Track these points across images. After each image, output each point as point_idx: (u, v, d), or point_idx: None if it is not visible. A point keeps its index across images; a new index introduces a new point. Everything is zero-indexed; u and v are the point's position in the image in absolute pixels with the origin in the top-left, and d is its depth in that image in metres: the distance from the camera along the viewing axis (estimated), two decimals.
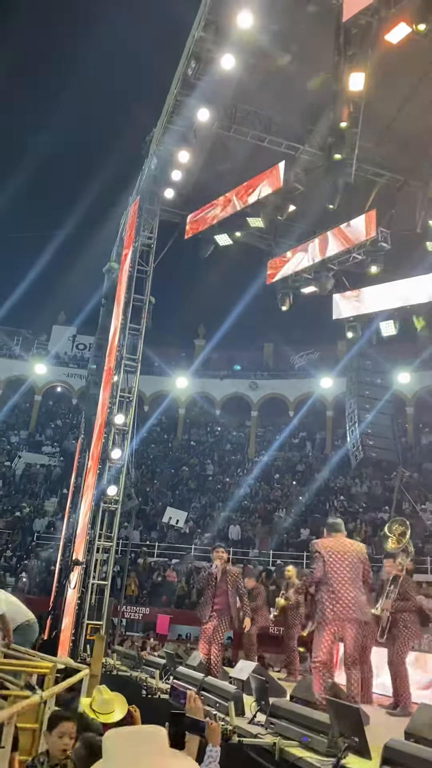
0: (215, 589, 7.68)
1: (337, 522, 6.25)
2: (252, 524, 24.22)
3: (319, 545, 5.90)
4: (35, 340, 36.14)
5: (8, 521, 24.68)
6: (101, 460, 12.87)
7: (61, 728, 3.38)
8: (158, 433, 33.07)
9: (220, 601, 7.63)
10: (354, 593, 5.68)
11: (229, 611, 7.59)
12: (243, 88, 12.18)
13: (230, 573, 7.80)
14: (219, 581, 7.70)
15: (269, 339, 34.82)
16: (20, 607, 7.90)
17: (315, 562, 5.84)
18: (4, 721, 2.86)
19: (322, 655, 5.64)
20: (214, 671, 7.33)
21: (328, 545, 5.90)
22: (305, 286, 14.90)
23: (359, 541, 7.03)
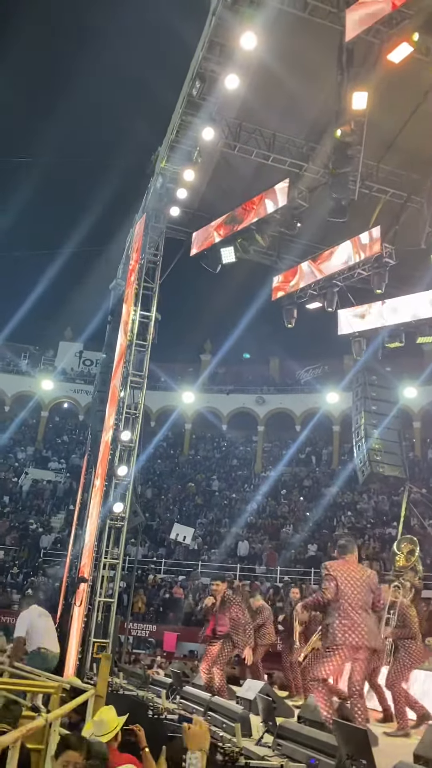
0: (217, 620, 7.65)
1: (348, 543, 6.17)
2: (259, 540, 24.09)
3: (332, 568, 5.79)
4: (42, 356, 36.33)
5: (15, 538, 24.64)
6: (107, 477, 12.86)
7: (66, 757, 3.36)
8: (165, 448, 33.06)
9: (223, 629, 7.59)
10: (366, 620, 5.57)
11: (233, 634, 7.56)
12: (247, 106, 12.31)
13: (229, 601, 7.77)
14: (219, 611, 7.66)
15: (275, 353, 34.88)
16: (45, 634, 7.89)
17: (326, 581, 5.71)
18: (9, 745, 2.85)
19: (322, 674, 5.49)
20: (218, 691, 7.27)
21: (341, 568, 5.79)
22: (310, 302, 14.94)
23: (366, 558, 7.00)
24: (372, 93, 10.70)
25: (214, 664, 7.54)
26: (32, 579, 22.07)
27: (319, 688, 5.48)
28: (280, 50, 11.13)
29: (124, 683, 9.33)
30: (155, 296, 14.26)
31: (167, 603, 20.53)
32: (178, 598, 20.58)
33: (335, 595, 5.57)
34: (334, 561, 6.04)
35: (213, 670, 7.54)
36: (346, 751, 4.09)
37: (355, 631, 5.47)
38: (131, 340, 13.88)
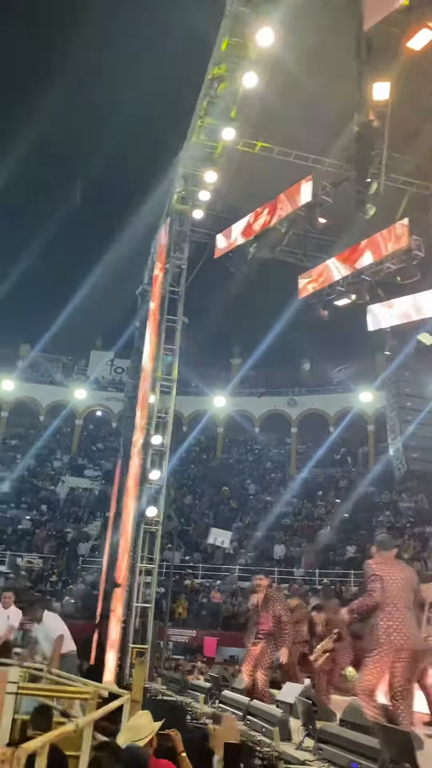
0: (259, 618, 7.55)
1: (387, 538, 6.03)
2: (296, 543, 23.85)
3: (377, 568, 5.65)
4: (75, 365, 36.78)
5: (53, 546, 24.86)
6: (140, 482, 12.85)
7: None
8: (197, 453, 33.05)
9: (266, 627, 7.48)
10: (410, 620, 5.42)
11: (276, 635, 7.44)
12: (266, 104, 12.19)
13: (272, 599, 7.66)
14: (262, 609, 7.57)
15: (306, 354, 34.59)
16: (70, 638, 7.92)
17: (372, 583, 5.55)
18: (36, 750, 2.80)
19: (369, 683, 5.38)
20: (260, 695, 7.14)
21: (385, 568, 5.64)
22: (339, 299, 14.74)
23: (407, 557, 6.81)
24: (394, 83, 10.52)
25: (258, 666, 7.43)
26: (71, 587, 22.22)
27: (367, 697, 5.35)
28: (298, 45, 11.00)
29: (163, 689, 9.27)
30: (182, 300, 14.23)
31: (206, 608, 20.44)
32: (216, 602, 20.47)
33: (382, 597, 5.41)
34: (376, 559, 5.87)
35: (257, 673, 7.42)
36: (389, 755, 3.94)
37: (400, 632, 5.32)
38: (159, 345, 13.87)
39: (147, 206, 16.75)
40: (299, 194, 12.71)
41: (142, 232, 19.22)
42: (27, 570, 23.00)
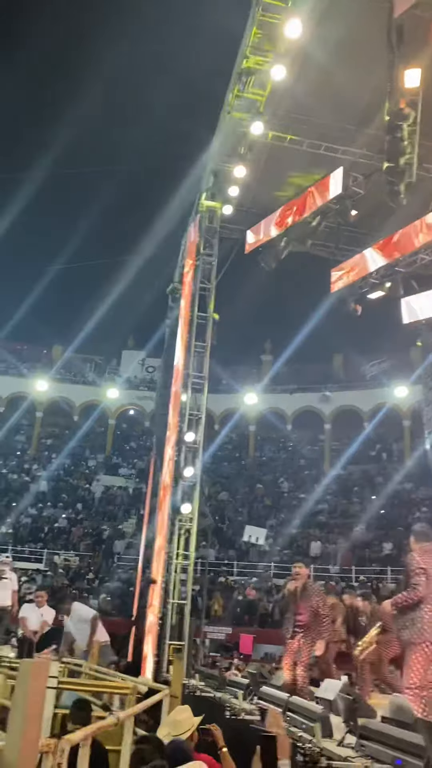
0: (297, 608, 7.47)
1: (427, 528, 5.93)
2: (332, 540, 23.65)
3: (420, 560, 5.55)
4: (107, 365, 37.09)
5: (89, 544, 25.11)
6: (174, 479, 12.87)
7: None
8: (230, 450, 33.02)
9: (303, 618, 7.40)
10: None
11: (314, 628, 7.35)
12: (295, 96, 12.09)
13: (310, 590, 7.58)
14: (300, 599, 7.48)
15: (338, 349, 34.29)
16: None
17: (416, 576, 5.46)
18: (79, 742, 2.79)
19: (417, 679, 5.31)
20: (300, 692, 7.07)
21: (428, 560, 5.55)
22: (372, 292, 14.54)
23: None
24: (425, 69, 10.32)
25: (298, 662, 7.36)
26: (107, 584, 22.41)
27: (417, 693, 5.26)
28: (326, 36, 10.88)
29: (201, 685, 9.26)
30: (212, 297, 14.20)
31: (242, 605, 20.39)
32: (252, 599, 20.41)
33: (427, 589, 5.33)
34: (419, 551, 5.76)
35: (296, 669, 7.36)
36: None
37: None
38: (190, 343, 13.87)
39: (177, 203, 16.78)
40: (330, 187, 12.57)
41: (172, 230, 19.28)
42: (64, 568, 23.28)
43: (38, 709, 2.04)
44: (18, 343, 36.30)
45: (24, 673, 2.03)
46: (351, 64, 11.40)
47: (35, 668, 2.04)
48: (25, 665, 2.05)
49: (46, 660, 1.98)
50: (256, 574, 22.16)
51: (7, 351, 35.15)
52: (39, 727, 2.06)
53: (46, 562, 23.70)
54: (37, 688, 2.04)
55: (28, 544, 24.80)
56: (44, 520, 26.79)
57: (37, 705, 2.03)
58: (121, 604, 20.78)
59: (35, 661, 1.99)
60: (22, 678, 2.04)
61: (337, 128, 12.88)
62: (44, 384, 33.52)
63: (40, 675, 2.06)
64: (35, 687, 2.03)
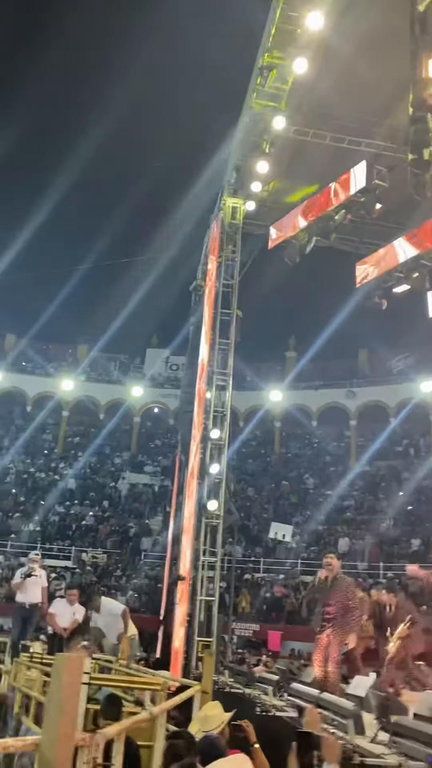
0: (326, 599, 7.42)
1: None
2: (359, 536, 23.50)
3: None
4: (131, 364, 37.28)
5: (116, 541, 25.30)
6: (200, 476, 12.89)
7: None
8: (255, 447, 32.98)
9: (333, 610, 7.35)
10: None
11: (343, 622, 7.30)
12: (317, 90, 12.00)
13: (341, 582, 7.53)
14: (330, 590, 7.44)
15: (363, 345, 34.00)
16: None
17: None
18: (114, 737, 2.80)
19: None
20: (330, 688, 7.03)
21: None
22: (398, 286, 14.35)
23: None
24: None
25: (329, 658, 7.31)
26: (134, 581, 22.55)
27: None
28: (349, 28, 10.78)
29: (230, 681, 9.26)
30: (235, 294, 14.18)
31: (269, 602, 20.38)
32: (279, 596, 20.39)
33: None
34: None
35: (328, 666, 7.31)
36: None
37: None
38: (214, 340, 13.86)
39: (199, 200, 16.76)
40: (354, 180, 12.44)
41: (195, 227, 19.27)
42: (92, 565, 23.50)
43: (73, 703, 2.05)
44: (44, 343, 36.68)
45: (59, 668, 2.04)
46: (373, 55, 11.28)
47: (70, 663, 2.05)
48: (60, 660, 2.06)
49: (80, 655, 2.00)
50: (283, 571, 22.11)
51: (34, 351, 35.56)
52: (74, 721, 2.07)
53: (74, 560, 23.94)
54: (72, 682, 2.05)
55: (56, 541, 25.08)
56: (72, 517, 27.06)
57: (72, 699, 2.04)
58: (148, 601, 20.91)
59: (70, 655, 1.99)
60: (56, 673, 2.05)
61: (360, 121, 12.75)
62: (70, 383, 33.83)
63: (75, 670, 2.07)
64: (70, 681, 2.03)
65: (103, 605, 8.50)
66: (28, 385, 34.18)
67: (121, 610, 8.44)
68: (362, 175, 12.27)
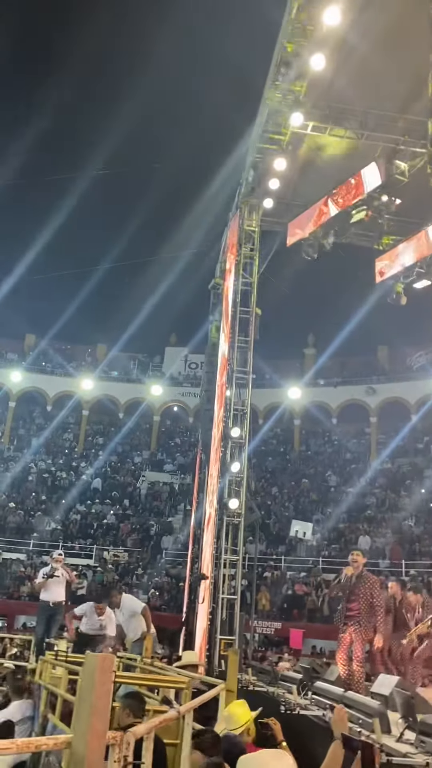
0: (350, 595, 7.39)
1: None
2: (381, 534, 23.36)
3: None
4: (150, 362, 37.41)
5: (137, 540, 25.41)
6: (221, 474, 12.90)
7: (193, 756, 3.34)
8: (275, 445, 32.92)
9: (356, 607, 7.32)
10: None
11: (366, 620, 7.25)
12: (335, 86, 11.92)
13: (366, 579, 7.50)
14: (354, 587, 7.41)
15: (383, 341, 33.76)
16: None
17: None
18: (143, 736, 2.82)
19: None
20: (355, 687, 7.01)
21: None
22: (418, 281, 14.24)
23: None
24: None
25: (353, 657, 7.29)
26: (156, 579, 22.64)
27: None
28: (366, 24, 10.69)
29: (253, 680, 9.26)
30: (254, 291, 14.15)
31: (290, 600, 20.35)
32: (300, 594, 20.35)
33: None
34: None
35: (352, 665, 7.28)
36: None
37: None
38: (233, 338, 13.85)
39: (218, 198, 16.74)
40: (372, 175, 12.36)
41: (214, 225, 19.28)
42: (113, 563, 23.63)
43: (105, 702, 2.07)
44: (64, 343, 36.95)
45: (90, 668, 2.06)
46: (391, 50, 11.18)
47: (101, 662, 2.06)
48: (92, 659, 2.07)
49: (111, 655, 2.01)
50: (305, 569, 22.06)
51: (54, 351, 35.84)
52: (106, 720, 2.08)
53: (95, 558, 24.11)
54: (104, 681, 2.06)
55: (78, 540, 25.26)
56: (93, 516, 27.23)
57: (104, 698, 2.05)
58: (169, 599, 20.99)
59: (101, 655, 2.01)
60: (88, 671, 2.07)
61: (379, 116, 12.65)
62: (90, 383, 34.05)
63: (106, 669, 2.08)
64: (102, 680, 2.05)
65: (124, 602, 8.53)
66: (48, 384, 34.47)
67: (141, 608, 8.48)
68: (381, 170, 12.19)
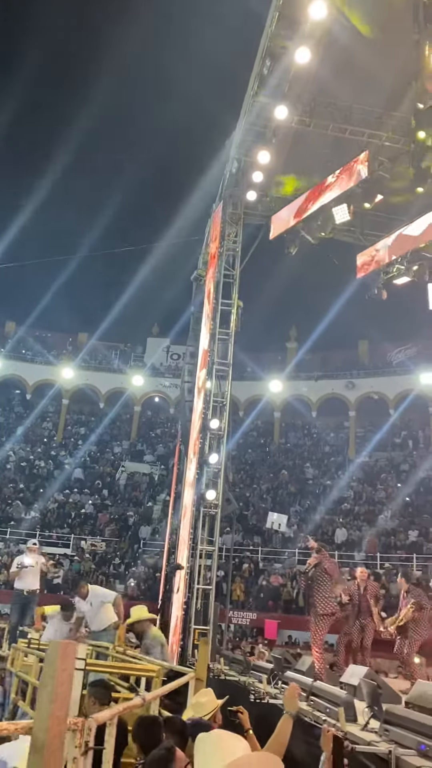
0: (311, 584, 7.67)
1: None
2: (357, 527, 23.60)
3: None
4: (132, 353, 37.26)
5: (115, 529, 25.41)
6: (199, 465, 12.94)
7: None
8: (255, 437, 33.05)
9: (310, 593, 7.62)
10: None
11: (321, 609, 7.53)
12: (320, 80, 11.93)
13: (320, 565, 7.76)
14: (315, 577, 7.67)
15: (364, 336, 33.98)
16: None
17: None
18: (106, 722, 2.85)
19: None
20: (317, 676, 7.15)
21: None
22: (398, 277, 14.37)
23: None
24: None
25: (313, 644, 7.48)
26: (133, 569, 22.68)
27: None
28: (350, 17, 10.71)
29: (225, 669, 9.34)
30: (236, 284, 14.16)
31: (266, 591, 20.51)
32: (276, 585, 20.52)
33: None
34: None
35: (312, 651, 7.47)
36: None
37: None
38: (214, 330, 13.86)
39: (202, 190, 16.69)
40: (355, 170, 12.42)
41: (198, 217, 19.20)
42: (91, 553, 23.61)
43: (66, 689, 2.08)
44: (44, 331, 36.68)
45: (53, 654, 2.07)
46: (376, 45, 11.22)
47: (64, 649, 2.07)
48: (54, 646, 2.09)
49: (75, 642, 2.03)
50: (281, 561, 22.24)
51: (34, 339, 35.57)
52: (67, 706, 2.10)
53: (73, 547, 24.06)
54: (65, 667, 2.08)
55: (56, 529, 25.19)
56: (71, 506, 27.16)
57: (65, 684, 2.07)
58: (147, 589, 21.04)
59: (65, 641, 2.03)
60: (50, 659, 2.08)
61: (363, 112, 12.69)
62: (70, 371, 33.85)
63: (68, 655, 2.10)
64: (63, 667, 2.06)
65: (92, 592, 8.47)
66: (27, 372, 34.22)
67: (113, 597, 8.46)
68: (364, 166, 12.25)
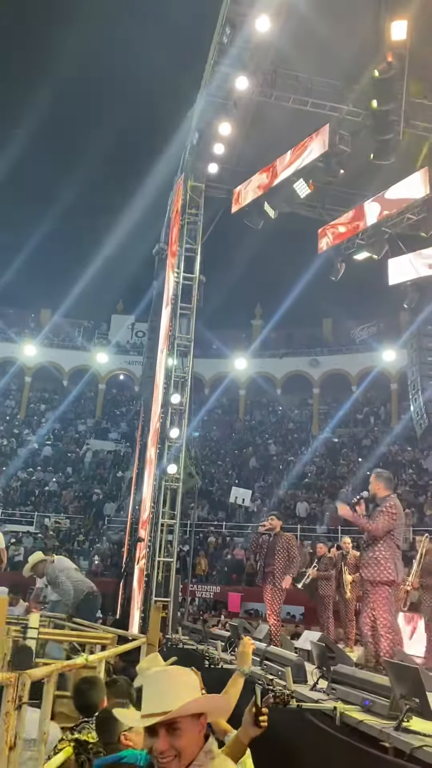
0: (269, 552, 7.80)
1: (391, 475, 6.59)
2: (319, 501, 23.98)
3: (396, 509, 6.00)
4: (96, 330, 36.86)
5: (79, 506, 25.36)
6: (160, 440, 12.95)
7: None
8: (220, 415, 33.18)
9: (272, 562, 7.74)
10: None
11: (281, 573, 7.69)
12: (281, 52, 11.81)
13: (282, 536, 7.91)
14: (273, 544, 7.82)
15: (327, 314, 34.25)
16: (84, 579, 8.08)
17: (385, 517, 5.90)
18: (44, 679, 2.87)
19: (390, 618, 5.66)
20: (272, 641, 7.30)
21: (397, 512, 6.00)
22: (358, 253, 14.46)
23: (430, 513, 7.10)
24: (412, 21, 10.11)
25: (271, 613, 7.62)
26: (97, 545, 22.70)
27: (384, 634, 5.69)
28: None
29: (184, 638, 9.48)
30: (198, 257, 14.08)
31: (230, 564, 20.76)
32: (240, 559, 20.78)
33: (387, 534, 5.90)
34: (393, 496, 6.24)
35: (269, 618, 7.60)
36: (400, 691, 3.98)
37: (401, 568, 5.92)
38: (176, 304, 13.79)
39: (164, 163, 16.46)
40: (316, 143, 12.38)
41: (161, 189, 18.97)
42: (55, 530, 23.53)
43: None
44: (5, 308, 35.96)
45: None
46: (337, 16, 11.13)
47: None
48: None
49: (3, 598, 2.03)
50: (244, 534, 22.50)
51: None
52: None
53: (36, 525, 23.94)
54: None
55: (19, 507, 25.01)
56: (35, 483, 26.98)
57: None
58: (110, 565, 21.11)
59: None
60: None
61: (324, 84, 12.62)
62: (32, 349, 33.37)
63: None
64: None
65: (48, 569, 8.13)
66: None
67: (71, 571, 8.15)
68: (325, 139, 12.22)
